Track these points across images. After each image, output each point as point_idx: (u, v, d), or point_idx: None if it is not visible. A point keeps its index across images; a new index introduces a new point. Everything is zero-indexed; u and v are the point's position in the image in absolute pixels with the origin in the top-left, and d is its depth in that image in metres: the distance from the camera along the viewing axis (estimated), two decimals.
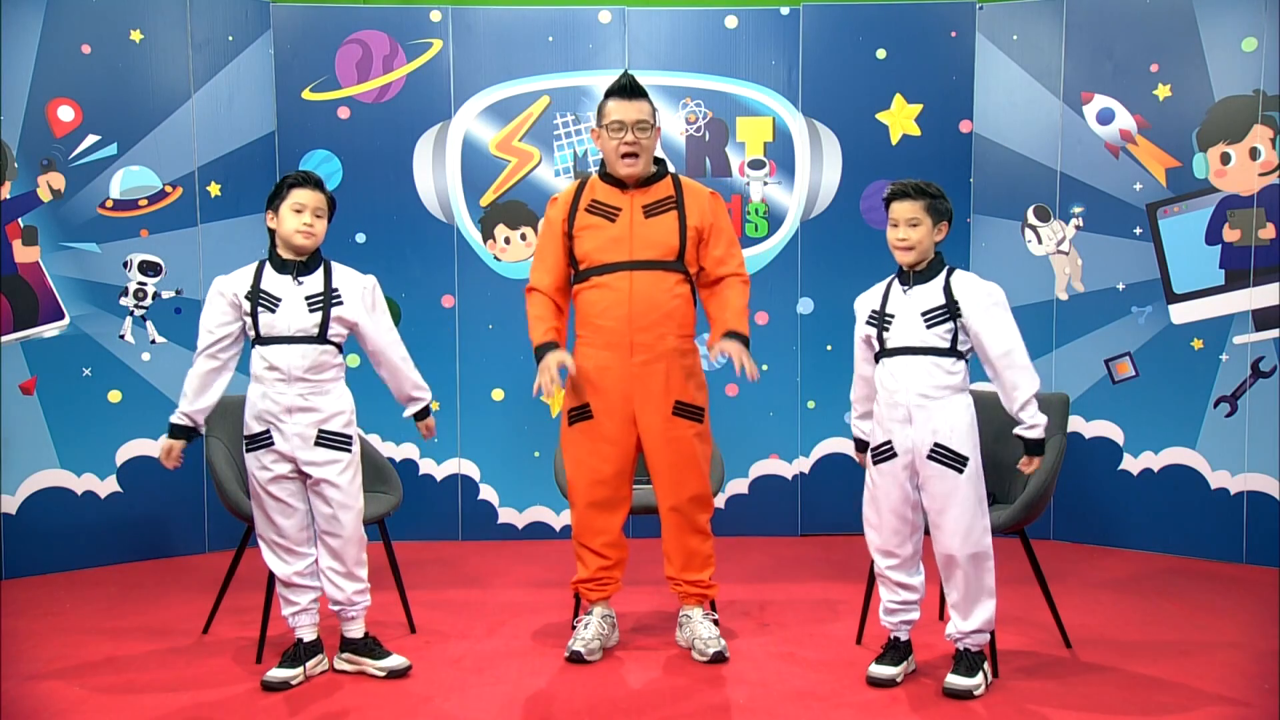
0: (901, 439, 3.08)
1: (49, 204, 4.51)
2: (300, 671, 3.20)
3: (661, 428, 3.37)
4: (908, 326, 3.07)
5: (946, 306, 3.04)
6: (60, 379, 4.55)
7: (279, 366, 3.12)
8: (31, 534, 4.48)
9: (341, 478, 3.19)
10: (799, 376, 5.12)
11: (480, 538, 5.10)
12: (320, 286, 3.19)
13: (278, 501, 3.18)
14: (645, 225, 3.36)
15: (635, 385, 3.36)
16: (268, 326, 3.13)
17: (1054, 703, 3.05)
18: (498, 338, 5.07)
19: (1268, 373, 4.56)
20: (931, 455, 3.04)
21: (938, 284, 3.08)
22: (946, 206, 3.11)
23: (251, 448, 3.17)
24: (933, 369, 3.04)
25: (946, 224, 3.12)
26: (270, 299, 3.14)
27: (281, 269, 3.17)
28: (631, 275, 3.33)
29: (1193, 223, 4.67)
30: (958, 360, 3.06)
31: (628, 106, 3.32)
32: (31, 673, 3.33)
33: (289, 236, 3.15)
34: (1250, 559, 4.60)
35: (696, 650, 3.43)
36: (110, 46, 4.59)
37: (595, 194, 3.43)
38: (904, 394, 3.06)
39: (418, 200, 5.01)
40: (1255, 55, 4.51)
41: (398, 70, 4.98)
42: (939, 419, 3.03)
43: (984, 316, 3.00)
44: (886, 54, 5.02)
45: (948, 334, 3.04)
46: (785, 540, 5.07)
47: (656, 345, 3.35)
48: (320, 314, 3.16)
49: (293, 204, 3.14)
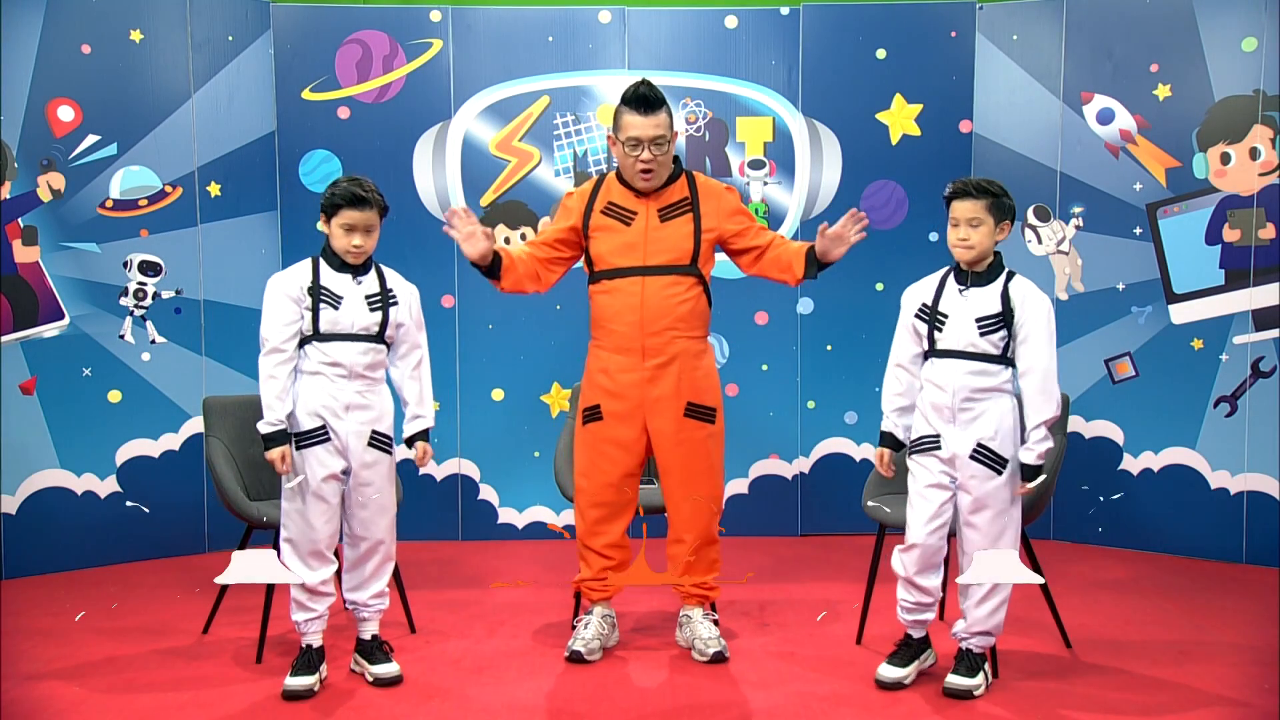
0: (947, 436, 3.06)
1: (49, 204, 4.51)
2: (318, 678, 3.18)
3: (673, 430, 3.37)
4: (961, 329, 3.03)
5: (1003, 314, 3.00)
6: (60, 379, 4.55)
7: (342, 362, 3.14)
8: (31, 534, 4.48)
9: (384, 480, 3.24)
10: (799, 376, 5.12)
11: (480, 538, 5.10)
12: (377, 286, 3.23)
13: (325, 503, 3.15)
14: (660, 230, 3.36)
15: (648, 389, 3.36)
16: (330, 323, 3.14)
17: (1054, 703, 3.05)
18: (498, 338, 5.07)
19: (1268, 373, 4.56)
20: (974, 455, 3.02)
21: (995, 289, 3.03)
22: (1010, 205, 3.05)
23: (306, 444, 3.14)
24: (979, 374, 3.02)
25: (1009, 223, 3.06)
26: (332, 295, 3.15)
27: (340, 268, 3.19)
28: (644, 281, 3.33)
29: (1193, 223, 4.67)
30: (1006, 366, 3.03)
31: (644, 123, 3.25)
32: (31, 673, 3.33)
33: (341, 251, 3.17)
34: (1250, 559, 4.60)
35: (696, 650, 3.43)
36: (110, 46, 4.59)
37: (612, 195, 3.41)
38: (949, 396, 3.04)
39: (418, 200, 5.01)
40: (1255, 55, 4.51)
41: (398, 70, 4.98)
42: (984, 421, 3.02)
43: (1035, 331, 2.98)
44: (886, 54, 5.02)
45: (1000, 341, 3.01)
46: (785, 540, 5.07)
47: (668, 348, 3.35)
48: (380, 313, 3.21)
49: (342, 223, 3.15)
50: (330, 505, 3.17)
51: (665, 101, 3.30)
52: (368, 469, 3.20)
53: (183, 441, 4.80)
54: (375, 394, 3.23)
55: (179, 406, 4.78)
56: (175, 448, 4.79)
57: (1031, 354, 2.99)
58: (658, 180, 3.35)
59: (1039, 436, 2.99)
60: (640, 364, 3.35)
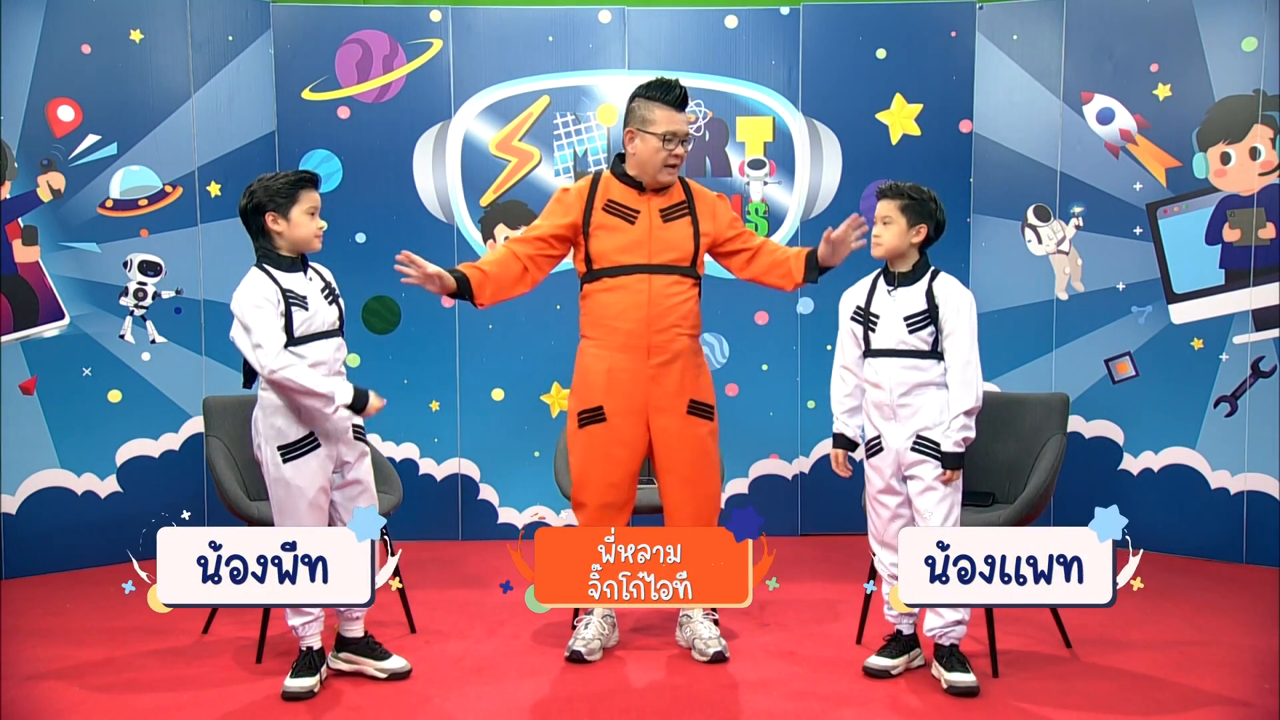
0: (888, 434, 3.18)
1: (49, 204, 4.51)
2: (319, 679, 3.17)
3: (678, 427, 3.38)
4: (891, 328, 3.16)
5: (928, 311, 3.13)
6: (60, 379, 4.55)
7: (323, 361, 3.08)
8: (31, 534, 4.48)
9: (368, 472, 3.23)
10: (799, 376, 5.12)
11: (480, 538, 5.10)
12: (321, 281, 3.18)
13: (319, 511, 3.10)
14: (663, 229, 3.38)
15: (652, 386, 3.37)
16: (304, 324, 3.05)
17: (1054, 703, 3.05)
18: (498, 338, 5.07)
19: (1268, 373, 4.55)
20: (914, 446, 3.14)
21: (920, 287, 3.16)
22: (929, 210, 3.16)
23: (295, 455, 3.04)
24: (913, 370, 3.14)
25: (926, 227, 3.16)
26: (298, 297, 3.06)
27: (291, 268, 3.09)
28: (650, 278, 3.35)
29: (1193, 222, 4.67)
30: (938, 360, 3.14)
31: (679, 119, 3.33)
32: (31, 673, 3.33)
33: (305, 241, 3.08)
34: (1250, 559, 4.60)
35: (696, 650, 3.43)
36: (110, 46, 4.59)
37: (611, 193, 3.42)
38: (887, 393, 3.16)
39: (418, 200, 5.01)
40: (1255, 55, 4.51)
41: (398, 70, 4.98)
42: (922, 414, 3.14)
43: (958, 326, 3.11)
44: (886, 54, 5.02)
45: (929, 337, 3.14)
46: (785, 540, 5.07)
47: (671, 345, 3.37)
48: (335, 306, 3.17)
49: (308, 207, 3.07)
50: (324, 512, 3.13)
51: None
52: (354, 465, 3.18)
53: (183, 441, 4.80)
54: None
55: (179, 406, 4.79)
56: (175, 448, 4.79)
57: (954, 347, 3.12)
58: (676, 175, 3.41)
59: (958, 425, 3.10)
60: (645, 361, 3.36)
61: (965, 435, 3.10)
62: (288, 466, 3.04)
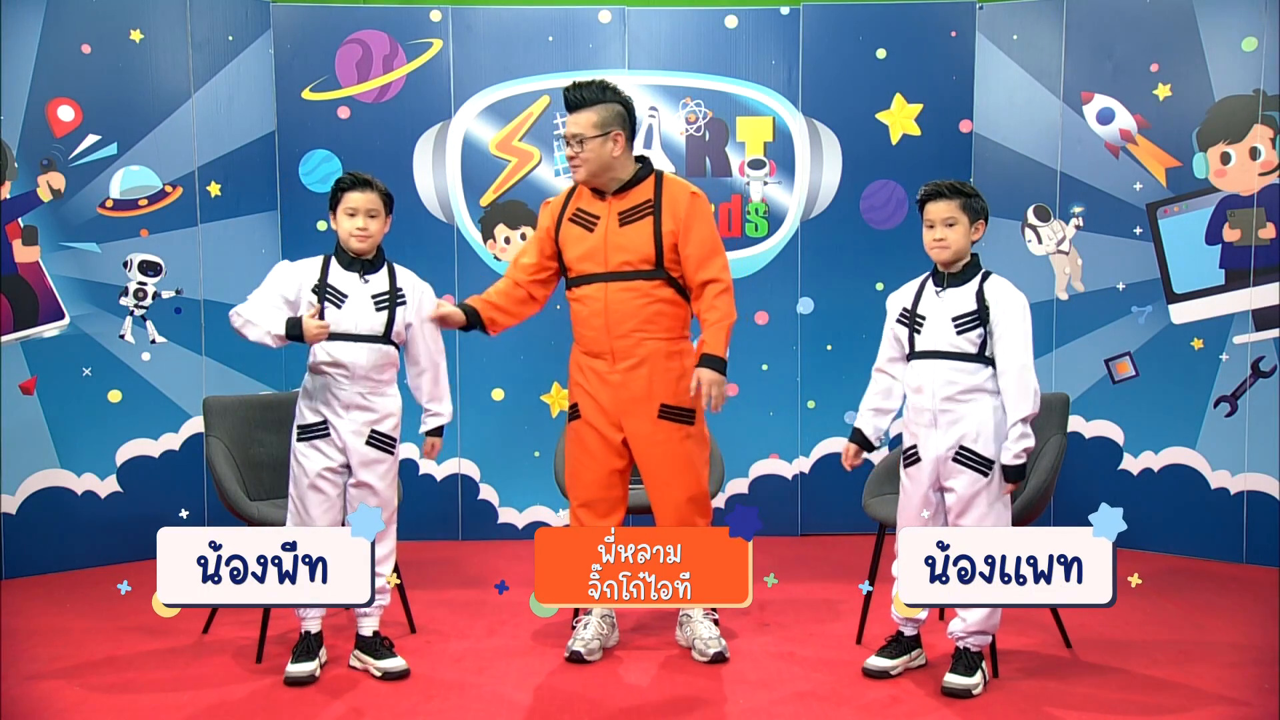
0: (926, 443, 3.09)
1: (49, 204, 4.51)
2: (318, 663, 3.23)
3: (648, 433, 3.35)
4: (938, 329, 3.07)
5: (978, 312, 3.03)
6: (60, 379, 4.55)
7: (344, 363, 3.16)
8: (31, 534, 4.48)
9: (383, 480, 3.25)
10: (799, 376, 5.12)
11: (480, 538, 5.10)
12: (385, 286, 3.25)
13: (321, 495, 3.20)
14: (619, 234, 3.32)
15: (619, 391, 3.35)
16: (333, 323, 3.15)
17: (1054, 703, 3.05)
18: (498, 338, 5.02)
19: (1268, 373, 4.56)
20: (957, 458, 3.04)
21: (971, 288, 3.07)
22: (982, 205, 3.10)
23: (305, 437, 3.20)
24: (958, 373, 3.04)
25: (983, 223, 3.10)
26: (337, 294, 3.18)
27: (349, 266, 3.22)
28: (606, 287, 3.32)
29: (1193, 222, 4.67)
30: (985, 365, 3.04)
31: (571, 120, 3.31)
32: (31, 673, 3.33)
33: (345, 240, 3.20)
34: (1250, 559, 4.60)
35: (696, 650, 3.43)
36: (110, 46, 4.59)
37: (580, 201, 3.42)
38: (929, 398, 3.07)
39: (418, 200, 5.01)
40: (1255, 55, 4.51)
41: (398, 70, 4.98)
42: (965, 422, 3.04)
43: (1011, 328, 3.00)
44: (886, 54, 5.02)
45: (977, 339, 3.04)
46: (785, 540, 5.07)
47: (637, 350, 3.33)
48: (386, 313, 3.22)
49: (345, 208, 3.19)
50: (328, 497, 3.20)
51: (599, 101, 3.28)
52: (366, 468, 3.21)
53: (183, 441, 4.80)
54: (380, 396, 3.24)
55: (179, 406, 4.78)
56: (175, 448, 4.79)
57: (1007, 351, 3.00)
58: (584, 175, 3.33)
59: (1017, 434, 2.99)
60: (612, 367, 3.35)
61: (1026, 445, 2.98)
62: (299, 445, 3.22)
